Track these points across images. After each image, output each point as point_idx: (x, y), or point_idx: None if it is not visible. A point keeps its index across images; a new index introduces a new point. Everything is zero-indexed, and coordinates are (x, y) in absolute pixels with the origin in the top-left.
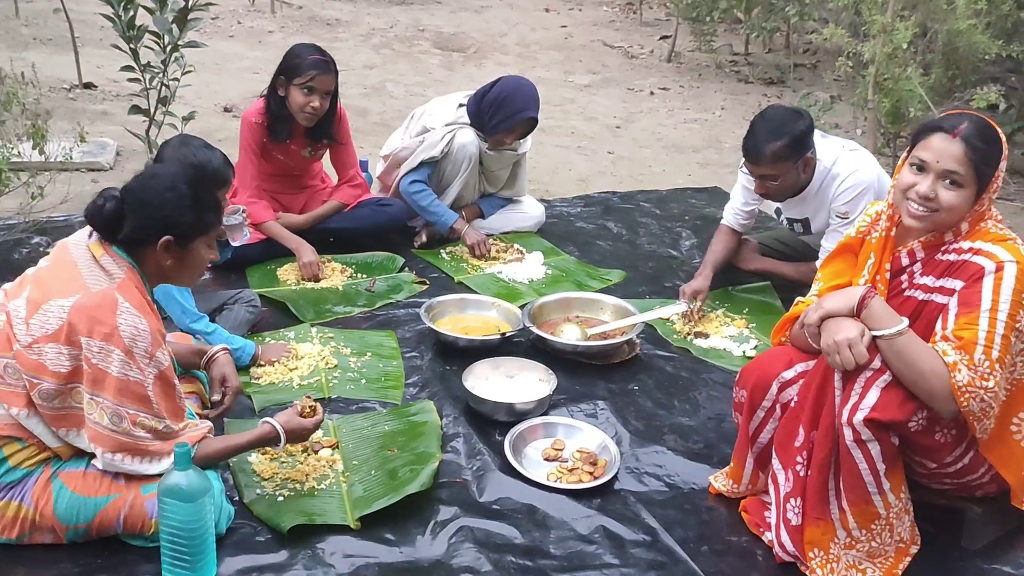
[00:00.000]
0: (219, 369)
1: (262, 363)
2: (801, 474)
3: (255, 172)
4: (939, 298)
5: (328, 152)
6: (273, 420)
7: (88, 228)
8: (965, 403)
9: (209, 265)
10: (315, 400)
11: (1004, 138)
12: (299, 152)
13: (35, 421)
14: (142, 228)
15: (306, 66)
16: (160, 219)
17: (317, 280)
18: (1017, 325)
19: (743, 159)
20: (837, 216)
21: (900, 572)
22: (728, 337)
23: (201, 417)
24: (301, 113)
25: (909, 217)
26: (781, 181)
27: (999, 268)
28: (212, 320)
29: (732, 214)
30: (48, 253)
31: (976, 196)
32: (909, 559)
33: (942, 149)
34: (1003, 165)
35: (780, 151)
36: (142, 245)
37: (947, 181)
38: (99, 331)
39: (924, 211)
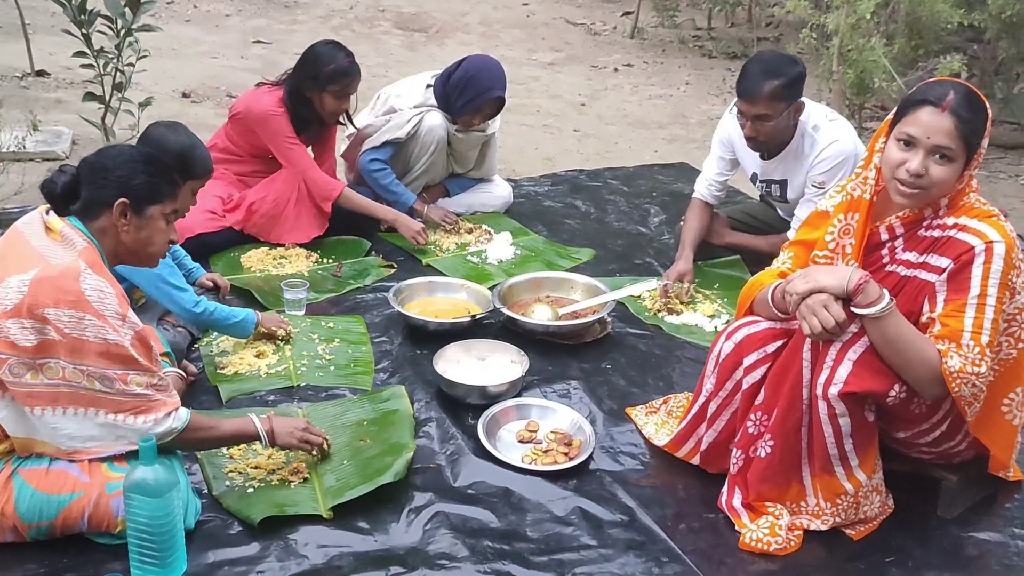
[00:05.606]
0: None
1: (263, 329)
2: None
3: (304, 152)
4: (923, 274)
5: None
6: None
7: (40, 209)
8: (957, 389)
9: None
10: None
11: (987, 103)
12: (308, 142)
13: (1, 405)
14: (97, 191)
15: (342, 73)
16: (114, 180)
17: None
18: (1004, 307)
19: (734, 102)
20: (813, 185)
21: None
22: (700, 313)
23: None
24: (332, 116)
25: (899, 195)
26: (774, 124)
27: (988, 249)
28: None
29: (705, 186)
30: None
31: (963, 168)
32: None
33: (931, 124)
34: (986, 134)
35: (777, 90)
36: (98, 215)
37: (937, 156)
38: (65, 300)
39: (914, 189)
